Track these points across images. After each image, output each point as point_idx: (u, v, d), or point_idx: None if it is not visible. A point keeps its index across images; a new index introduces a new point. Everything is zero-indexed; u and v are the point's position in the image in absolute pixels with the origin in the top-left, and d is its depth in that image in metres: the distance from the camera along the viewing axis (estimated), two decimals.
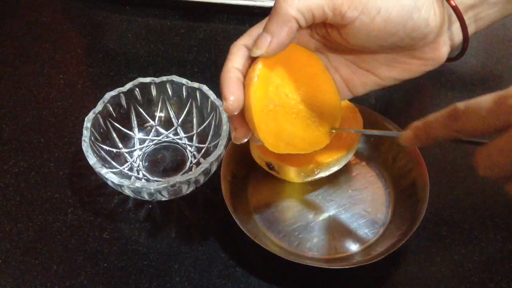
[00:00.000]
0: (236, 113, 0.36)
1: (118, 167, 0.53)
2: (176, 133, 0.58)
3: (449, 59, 0.40)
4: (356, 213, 0.51)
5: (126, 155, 0.55)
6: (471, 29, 0.39)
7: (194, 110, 0.56)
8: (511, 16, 0.40)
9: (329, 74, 0.41)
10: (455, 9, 0.37)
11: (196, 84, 0.54)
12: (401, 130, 0.37)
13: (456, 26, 0.38)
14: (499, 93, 0.29)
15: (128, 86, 0.54)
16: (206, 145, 0.55)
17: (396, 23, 0.35)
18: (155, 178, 0.54)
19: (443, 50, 0.39)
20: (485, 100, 0.29)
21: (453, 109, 0.31)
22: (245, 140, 0.39)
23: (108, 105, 0.53)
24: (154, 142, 0.57)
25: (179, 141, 0.57)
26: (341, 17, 0.35)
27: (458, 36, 0.39)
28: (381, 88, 0.42)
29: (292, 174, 0.50)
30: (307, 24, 0.35)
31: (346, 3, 0.34)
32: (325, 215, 0.51)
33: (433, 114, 0.33)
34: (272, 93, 0.38)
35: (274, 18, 0.34)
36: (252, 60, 0.37)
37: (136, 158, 0.56)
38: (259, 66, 0.36)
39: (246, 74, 0.37)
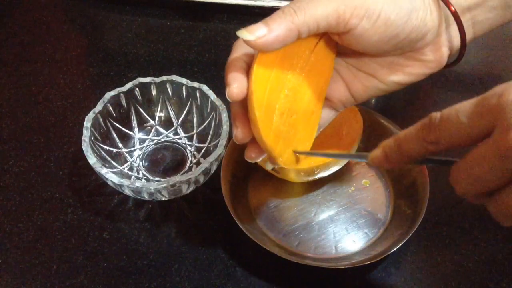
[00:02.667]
0: (239, 100, 0.35)
1: (118, 167, 0.53)
2: (176, 133, 0.58)
3: (447, 65, 0.40)
4: (356, 213, 0.51)
5: (126, 155, 0.55)
6: (468, 33, 0.38)
7: (194, 110, 0.56)
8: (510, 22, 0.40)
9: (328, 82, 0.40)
10: (454, 14, 0.37)
11: (196, 84, 0.54)
12: (370, 151, 0.34)
13: (454, 28, 0.38)
14: (478, 97, 0.27)
15: (128, 86, 0.54)
16: (206, 145, 0.55)
17: (396, 25, 0.35)
18: (155, 178, 0.54)
19: (443, 52, 0.38)
20: (463, 105, 0.27)
21: (427, 120, 0.29)
22: (246, 140, 0.38)
23: (108, 105, 0.53)
24: (154, 142, 0.57)
25: (179, 141, 0.57)
26: (344, 25, 0.35)
27: (456, 38, 0.38)
28: (383, 93, 0.41)
29: (292, 174, 0.50)
30: (309, 35, 0.35)
31: (349, 10, 0.34)
32: (325, 215, 0.51)
33: (405, 130, 0.31)
34: (273, 90, 0.36)
35: (279, 19, 0.33)
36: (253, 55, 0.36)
37: (136, 158, 0.56)
38: (260, 54, 0.35)
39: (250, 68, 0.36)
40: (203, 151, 0.55)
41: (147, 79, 0.54)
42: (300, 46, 0.38)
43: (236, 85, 0.35)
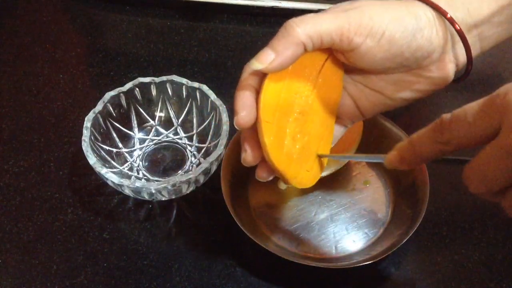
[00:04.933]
0: (247, 128, 0.35)
1: (118, 167, 0.53)
2: (176, 133, 0.58)
3: (454, 81, 0.40)
4: (356, 213, 0.51)
5: (126, 155, 0.55)
6: (475, 48, 0.38)
7: (194, 110, 0.56)
8: None
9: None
10: (459, 32, 0.36)
11: (196, 84, 0.54)
12: (386, 153, 0.35)
13: (460, 45, 0.38)
14: (485, 97, 0.28)
15: (128, 86, 0.54)
16: (206, 145, 0.55)
17: (400, 44, 0.35)
18: (155, 178, 0.54)
19: (449, 68, 0.38)
20: (471, 106, 0.28)
21: (439, 121, 0.30)
22: (255, 163, 0.38)
23: (108, 105, 0.53)
24: (154, 142, 0.57)
25: (179, 141, 0.57)
26: (348, 43, 0.35)
27: (462, 55, 0.38)
28: (391, 109, 0.41)
29: None
30: (313, 49, 0.35)
31: (353, 29, 0.35)
32: (325, 215, 0.51)
33: (418, 131, 0.32)
34: (283, 115, 0.37)
35: (283, 38, 0.34)
36: (263, 77, 0.36)
37: (136, 158, 0.56)
38: (267, 82, 0.35)
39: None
40: (203, 151, 0.55)
41: (147, 79, 0.54)
42: (306, 69, 0.38)
43: (244, 113, 0.35)
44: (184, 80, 0.54)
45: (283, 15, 0.67)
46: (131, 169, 0.54)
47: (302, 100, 0.38)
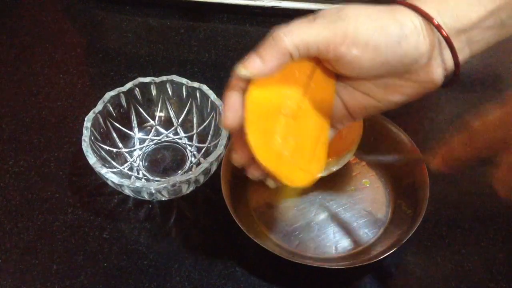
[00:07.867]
0: (234, 129, 0.36)
1: (118, 167, 0.53)
2: (176, 133, 0.58)
3: (444, 85, 0.40)
4: (356, 213, 0.51)
5: (126, 155, 0.55)
6: (464, 53, 0.38)
7: (194, 110, 0.56)
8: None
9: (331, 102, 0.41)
10: (446, 38, 0.36)
11: (196, 84, 0.54)
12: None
13: (448, 49, 0.38)
14: None
15: (128, 86, 0.54)
16: (206, 145, 0.55)
17: (385, 52, 0.36)
18: (155, 178, 0.54)
19: (437, 73, 0.38)
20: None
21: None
22: (246, 164, 0.38)
23: (108, 105, 0.53)
24: (154, 142, 0.57)
25: (179, 141, 0.57)
26: (334, 53, 0.36)
27: (451, 59, 0.38)
28: (381, 111, 0.41)
29: None
30: (300, 57, 0.36)
31: (339, 39, 0.35)
32: (325, 215, 0.51)
33: None
34: (271, 117, 0.37)
35: (269, 46, 0.35)
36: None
37: (136, 158, 0.56)
38: (253, 85, 0.36)
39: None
40: (203, 151, 0.55)
41: (147, 79, 0.54)
42: (296, 74, 0.38)
43: (231, 114, 0.35)
44: (184, 80, 0.54)
45: (283, 15, 0.67)
46: (131, 169, 0.54)
47: (294, 104, 0.38)
